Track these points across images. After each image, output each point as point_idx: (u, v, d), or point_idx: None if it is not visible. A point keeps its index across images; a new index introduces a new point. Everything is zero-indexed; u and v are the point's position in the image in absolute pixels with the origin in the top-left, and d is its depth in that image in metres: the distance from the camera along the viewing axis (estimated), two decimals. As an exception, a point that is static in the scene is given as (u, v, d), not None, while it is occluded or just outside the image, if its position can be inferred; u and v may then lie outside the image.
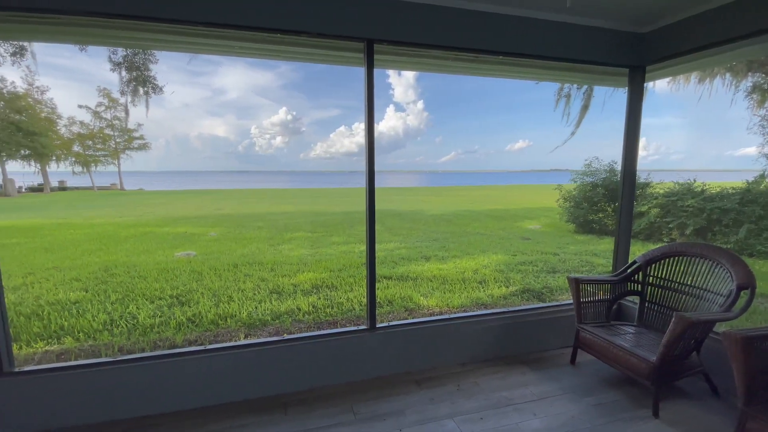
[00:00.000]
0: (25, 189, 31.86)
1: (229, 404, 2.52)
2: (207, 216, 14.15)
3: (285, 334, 3.27)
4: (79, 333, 3.77)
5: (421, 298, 4.70)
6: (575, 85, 7.59)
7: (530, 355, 3.21)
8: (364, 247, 7.69)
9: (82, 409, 2.32)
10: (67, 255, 7.37)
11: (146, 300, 4.65)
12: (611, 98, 6.84)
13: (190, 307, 4.39)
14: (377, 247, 7.91)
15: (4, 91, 27.52)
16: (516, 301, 4.73)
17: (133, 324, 3.95)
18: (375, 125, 2.74)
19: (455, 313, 4.22)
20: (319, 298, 4.71)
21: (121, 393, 2.37)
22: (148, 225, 11.70)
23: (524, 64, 3.06)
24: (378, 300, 4.66)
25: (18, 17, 2.13)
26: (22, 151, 28.77)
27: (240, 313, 4.18)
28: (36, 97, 29.38)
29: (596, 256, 7.31)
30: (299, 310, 4.31)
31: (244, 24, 2.27)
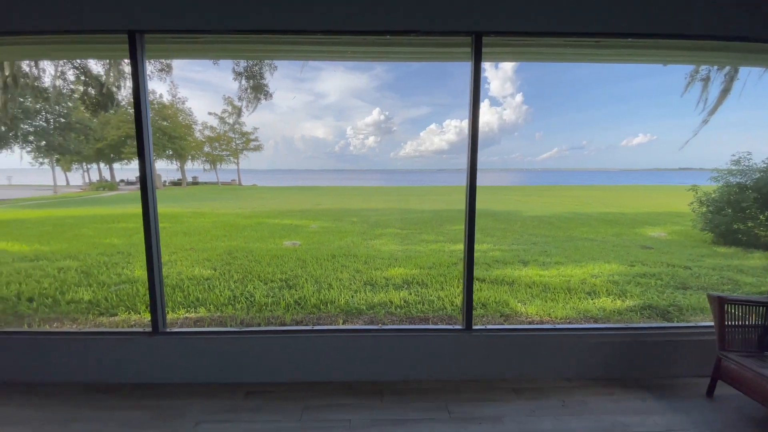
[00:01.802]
0: (168, 183, 38.89)
1: (330, 383, 2.71)
2: (309, 210, 15.46)
3: (380, 324, 3.40)
4: (210, 305, 4.45)
5: (519, 304, 4.43)
6: (715, 66, 6.29)
7: (652, 380, 2.79)
8: (454, 247, 7.59)
9: (214, 369, 2.74)
10: (200, 239, 8.77)
11: (260, 281, 5.28)
12: (757, 82, 5.45)
13: (296, 290, 4.85)
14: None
15: (154, 102, 33.88)
16: (634, 318, 4.15)
17: (251, 301, 4.52)
18: (475, 120, 2.65)
19: (558, 324, 3.88)
20: (410, 294, 4.78)
21: (244, 360, 2.73)
22: (261, 216, 13.26)
23: (657, 46, 2.65)
24: (471, 301, 4.55)
25: (172, 38, 2.58)
26: (167, 152, 35.16)
27: (338, 300, 4.48)
28: (178, 106, 35.54)
29: (743, 273, 6.00)
30: (391, 303, 4.43)
31: (357, 29, 2.41)
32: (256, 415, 2.35)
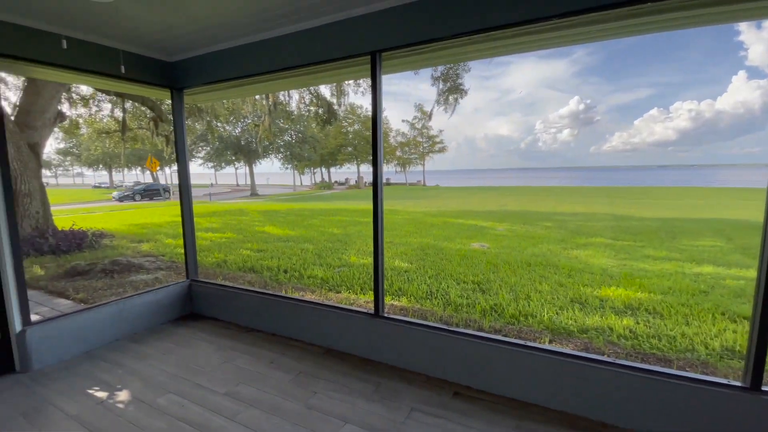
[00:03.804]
0: (368, 184, 45.32)
1: (546, 409, 2.42)
2: (493, 211, 15.00)
3: (607, 355, 2.84)
4: (410, 296, 4.80)
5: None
6: None
7: None
8: (701, 269, 5.77)
9: (425, 361, 2.87)
10: (396, 234, 9.70)
11: (453, 281, 5.36)
12: None
13: (490, 296, 4.68)
14: (733, 271, 5.75)
15: (361, 114, 39.85)
16: None
17: (446, 299, 4.62)
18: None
19: None
20: (638, 323, 3.87)
21: (451, 358, 2.75)
22: (446, 215, 13.69)
23: None
24: (736, 347, 3.32)
25: (401, 53, 2.80)
26: (370, 157, 40.98)
27: (540, 314, 4.05)
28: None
29: None
30: (611, 330, 3.69)
31: (595, 5, 2.06)
32: (467, 420, 2.31)
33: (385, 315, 3.08)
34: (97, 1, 1.86)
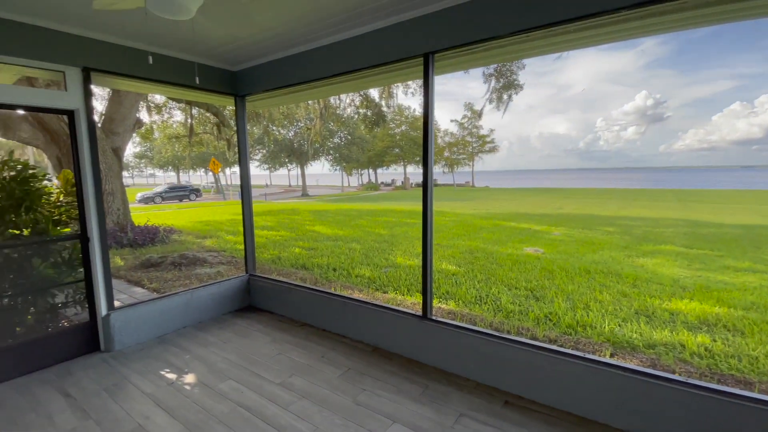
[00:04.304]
0: (415, 185, 45.13)
1: (602, 425, 2.27)
2: (548, 214, 14.27)
3: (678, 373, 2.60)
4: (459, 300, 4.71)
5: None
6: None
7: None
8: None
9: (473, 367, 2.81)
10: (443, 236, 9.57)
11: (504, 286, 5.18)
12: None
13: (545, 303, 4.47)
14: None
15: (408, 115, 39.80)
16: None
17: (497, 305, 4.48)
18: None
19: None
20: (714, 341, 3.48)
21: (502, 366, 2.66)
22: (496, 218, 13.26)
23: None
24: None
25: (453, 53, 2.76)
26: (417, 158, 40.71)
27: (601, 326, 3.79)
28: (427, 117, 40.50)
29: None
30: (683, 346, 3.35)
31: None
32: (521, 430, 2.23)
33: (434, 318, 3.06)
34: (178, 19, 2.05)
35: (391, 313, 3.27)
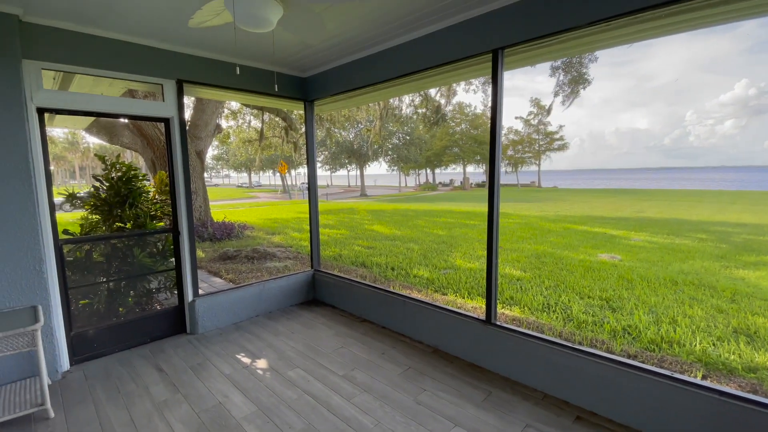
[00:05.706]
0: (474, 185, 43.78)
1: (697, 458, 2.02)
2: (626, 218, 13.02)
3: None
4: (524, 306, 4.49)
5: None
6: None
7: None
8: None
9: (541, 377, 2.66)
10: (506, 238, 9.18)
11: (575, 294, 4.83)
12: None
13: (622, 315, 4.09)
14: None
15: (469, 113, 38.71)
16: None
17: (567, 314, 4.19)
18: None
19: None
20: None
21: (574, 378, 2.49)
22: (566, 221, 12.40)
23: None
24: None
25: (524, 48, 2.63)
26: (477, 157, 39.51)
27: (691, 344, 3.37)
28: (487, 114, 38.99)
29: None
30: (800, 375, 2.86)
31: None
32: (592, 451, 2.07)
33: (497, 323, 2.95)
34: (260, 31, 2.22)
35: (453, 315, 3.22)
